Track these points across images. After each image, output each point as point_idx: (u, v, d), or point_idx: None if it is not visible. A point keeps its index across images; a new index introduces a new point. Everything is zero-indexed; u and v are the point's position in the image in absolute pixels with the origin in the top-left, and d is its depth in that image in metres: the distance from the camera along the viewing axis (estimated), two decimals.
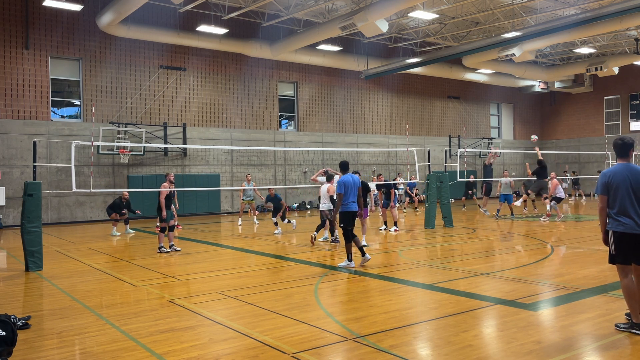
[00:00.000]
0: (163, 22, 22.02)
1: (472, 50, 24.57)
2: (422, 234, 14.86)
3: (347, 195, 9.33)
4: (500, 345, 5.14)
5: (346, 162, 9.79)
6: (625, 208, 5.25)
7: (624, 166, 5.36)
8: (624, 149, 5.39)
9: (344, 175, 9.57)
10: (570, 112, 37.01)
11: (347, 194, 9.32)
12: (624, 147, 5.38)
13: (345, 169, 9.74)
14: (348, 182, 9.38)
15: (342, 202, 9.32)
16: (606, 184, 5.37)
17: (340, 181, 9.41)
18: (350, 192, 9.35)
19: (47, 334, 5.80)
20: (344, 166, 9.77)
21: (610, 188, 5.36)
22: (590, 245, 12.14)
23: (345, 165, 9.76)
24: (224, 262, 10.78)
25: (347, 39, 26.28)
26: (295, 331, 5.65)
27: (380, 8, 18.33)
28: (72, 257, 11.49)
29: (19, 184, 18.76)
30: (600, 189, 5.42)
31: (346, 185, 9.35)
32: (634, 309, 5.28)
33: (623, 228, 5.26)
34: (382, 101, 30.01)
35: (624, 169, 5.33)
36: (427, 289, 7.66)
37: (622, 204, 5.26)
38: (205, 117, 23.88)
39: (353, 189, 9.41)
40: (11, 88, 19.51)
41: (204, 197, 23.46)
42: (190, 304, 7.01)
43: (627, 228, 5.24)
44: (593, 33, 23.36)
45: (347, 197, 9.33)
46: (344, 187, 9.33)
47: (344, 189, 9.33)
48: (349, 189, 9.34)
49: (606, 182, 5.38)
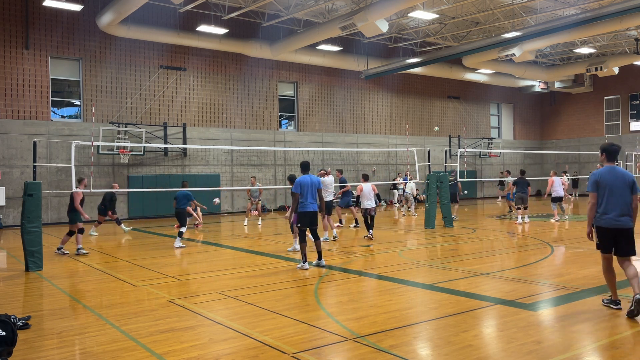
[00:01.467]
0: (163, 22, 22.02)
1: (472, 50, 24.57)
2: (422, 234, 14.87)
3: (305, 196, 9.27)
4: (500, 345, 5.15)
5: (307, 163, 9.78)
6: (609, 205, 5.96)
7: (611, 168, 6.04)
8: (616, 154, 6.11)
9: (302, 176, 9.53)
10: (570, 112, 37.01)
11: (305, 194, 9.27)
12: (616, 153, 6.10)
13: (306, 170, 9.69)
14: (305, 183, 9.34)
15: (300, 201, 9.29)
16: (597, 182, 6.03)
17: (297, 182, 9.39)
18: (308, 192, 9.29)
19: (47, 334, 5.80)
20: (305, 167, 9.74)
21: (599, 187, 6.02)
22: (590, 245, 12.14)
23: (305, 166, 9.74)
24: (224, 262, 10.78)
25: (347, 39, 26.28)
26: (295, 331, 5.65)
27: (380, 8, 18.32)
28: (72, 257, 11.48)
29: (19, 184, 18.76)
30: (591, 187, 6.07)
31: (302, 185, 9.31)
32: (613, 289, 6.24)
33: (605, 223, 6.00)
34: (382, 101, 30.02)
35: (611, 171, 6.01)
36: (427, 289, 7.66)
37: (607, 201, 5.96)
38: (205, 117, 23.88)
39: (311, 189, 9.34)
40: (11, 88, 19.51)
41: (204, 197, 23.42)
42: (190, 304, 7.01)
43: (608, 222, 5.98)
44: (593, 33, 23.35)
45: (305, 197, 9.28)
46: (300, 187, 9.31)
47: (301, 189, 9.30)
48: (305, 189, 9.29)
49: (597, 180, 6.03)
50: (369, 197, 13.28)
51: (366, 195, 13.25)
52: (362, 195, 13.32)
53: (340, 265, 9.83)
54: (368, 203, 13.26)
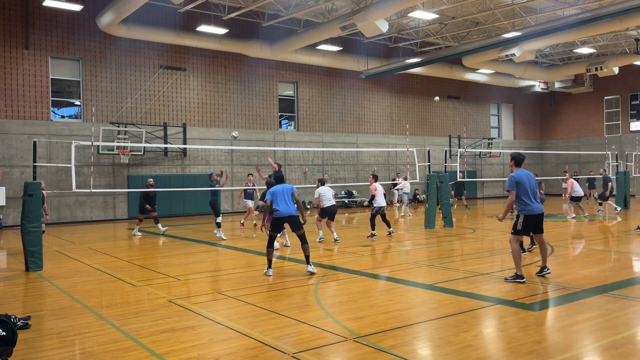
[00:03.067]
0: (163, 22, 22.02)
1: (472, 50, 24.56)
2: (422, 234, 14.87)
3: (277, 202, 9.22)
4: (500, 345, 5.15)
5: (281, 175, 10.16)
6: (528, 198, 7.83)
7: (523, 171, 8.00)
8: (522, 162, 8.10)
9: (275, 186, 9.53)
10: (570, 112, 37.00)
11: (277, 201, 9.22)
12: (522, 161, 8.10)
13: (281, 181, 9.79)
14: (277, 190, 9.33)
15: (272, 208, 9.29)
16: (517, 182, 7.82)
17: (271, 190, 9.40)
18: (280, 198, 9.25)
19: (47, 334, 5.80)
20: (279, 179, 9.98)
21: (519, 186, 7.82)
22: (590, 245, 12.15)
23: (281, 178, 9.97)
24: (224, 262, 10.78)
25: (347, 39, 26.28)
26: (295, 331, 5.65)
27: (380, 8, 18.32)
28: (72, 257, 11.49)
29: (19, 184, 18.75)
30: (512, 186, 7.85)
31: (275, 193, 9.29)
32: (519, 265, 7.80)
33: (528, 211, 7.83)
34: (382, 101, 30.02)
35: (524, 173, 7.95)
36: (427, 289, 7.66)
37: (527, 196, 7.83)
38: (205, 117, 23.88)
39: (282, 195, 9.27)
40: (11, 88, 19.51)
41: (204, 197, 23.42)
42: (190, 304, 7.01)
43: (530, 211, 7.83)
44: (593, 33, 23.35)
45: (277, 204, 9.21)
46: (272, 194, 9.31)
47: (273, 196, 9.28)
48: (277, 196, 9.25)
49: (517, 181, 7.83)
50: (382, 196, 13.81)
51: (380, 194, 13.76)
52: (377, 194, 13.73)
53: (341, 265, 9.83)
54: (383, 201, 13.74)
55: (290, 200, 9.32)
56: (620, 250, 11.41)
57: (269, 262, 9.09)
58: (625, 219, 17.91)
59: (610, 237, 13.76)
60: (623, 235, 13.98)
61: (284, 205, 9.14)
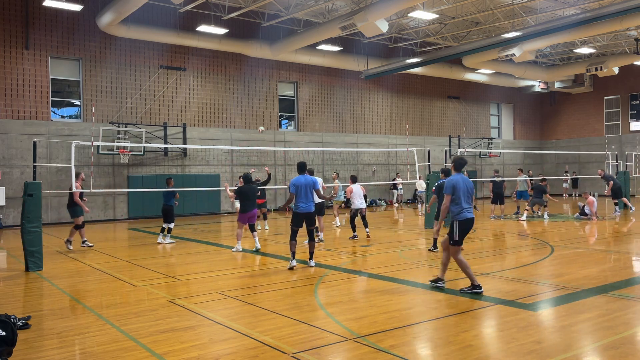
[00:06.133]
0: (163, 22, 22.02)
1: (472, 50, 24.56)
2: (422, 234, 14.86)
3: (299, 197, 9.27)
4: (500, 345, 5.15)
5: (303, 163, 9.71)
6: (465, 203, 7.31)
7: (460, 176, 7.46)
8: (462, 166, 7.58)
9: (296, 177, 9.51)
10: (570, 112, 37.00)
11: (300, 196, 9.26)
12: (462, 165, 7.56)
13: (302, 170, 9.66)
14: (300, 184, 9.32)
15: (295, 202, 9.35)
16: (454, 187, 7.28)
17: (293, 182, 9.38)
18: (302, 194, 9.27)
19: (47, 334, 5.79)
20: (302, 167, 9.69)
21: (455, 190, 7.27)
22: (591, 245, 12.15)
23: (302, 166, 9.69)
24: (224, 262, 10.78)
25: (347, 39, 26.28)
26: (295, 331, 5.65)
27: (380, 8, 18.32)
28: (72, 257, 11.48)
29: (19, 184, 18.75)
30: (449, 190, 7.30)
31: (298, 187, 9.30)
32: (471, 275, 7.22)
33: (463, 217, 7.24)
34: (382, 101, 30.01)
35: (461, 178, 7.41)
36: (427, 289, 7.66)
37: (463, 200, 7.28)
38: (205, 117, 23.88)
39: (305, 192, 9.29)
40: (11, 88, 19.51)
41: (204, 197, 23.45)
42: (191, 304, 7.01)
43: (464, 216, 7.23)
44: (593, 33, 23.35)
45: (299, 199, 9.27)
46: (295, 188, 9.31)
47: (296, 190, 9.31)
48: (300, 190, 9.27)
49: (454, 185, 7.28)
50: (360, 197, 13.65)
51: (356, 195, 13.59)
52: (352, 196, 13.63)
53: (341, 265, 9.84)
54: (360, 203, 13.60)
55: (311, 196, 9.41)
56: (620, 250, 11.40)
57: (292, 254, 9.43)
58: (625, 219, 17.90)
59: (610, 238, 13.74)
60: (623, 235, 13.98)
61: (304, 202, 9.34)
